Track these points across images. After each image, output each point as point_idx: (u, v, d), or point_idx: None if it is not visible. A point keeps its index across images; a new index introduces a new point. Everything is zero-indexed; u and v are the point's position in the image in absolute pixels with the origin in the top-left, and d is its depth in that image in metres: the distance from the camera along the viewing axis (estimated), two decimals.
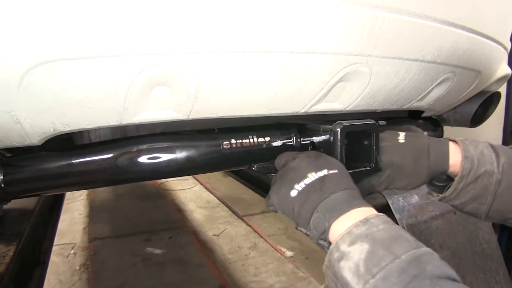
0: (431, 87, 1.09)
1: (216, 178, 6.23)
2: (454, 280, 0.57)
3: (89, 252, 3.45)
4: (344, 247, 0.62)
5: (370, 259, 0.58)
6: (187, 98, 0.73)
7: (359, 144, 0.91)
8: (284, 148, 0.95)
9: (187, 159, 0.83)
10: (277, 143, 0.94)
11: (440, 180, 0.93)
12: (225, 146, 0.87)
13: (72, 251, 3.45)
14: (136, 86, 0.66)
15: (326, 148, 0.88)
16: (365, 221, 0.64)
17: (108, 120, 0.72)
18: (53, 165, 0.79)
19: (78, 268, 3.22)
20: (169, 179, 6.13)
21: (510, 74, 1.50)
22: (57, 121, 0.69)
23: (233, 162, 0.92)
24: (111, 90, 0.65)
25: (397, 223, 1.81)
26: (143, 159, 0.80)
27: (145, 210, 4.66)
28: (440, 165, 0.88)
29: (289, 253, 3.60)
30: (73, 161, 0.80)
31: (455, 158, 0.87)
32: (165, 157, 0.82)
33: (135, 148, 0.80)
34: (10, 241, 1.30)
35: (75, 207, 4.59)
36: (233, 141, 0.88)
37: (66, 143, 0.86)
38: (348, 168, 0.82)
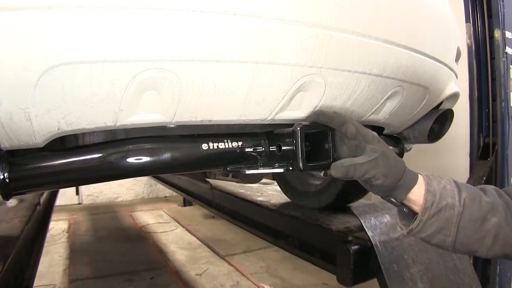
0: (382, 100, 1.22)
1: (197, 220, 6.25)
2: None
3: None
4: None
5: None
6: (172, 101, 0.86)
7: (320, 147, 1.04)
8: (254, 152, 1.08)
9: (172, 158, 0.96)
10: (249, 148, 1.07)
11: (397, 202, 0.99)
12: (203, 148, 1.00)
13: None
14: (131, 89, 0.79)
15: (290, 147, 1.01)
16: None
17: (105, 121, 0.84)
18: (53, 163, 0.89)
19: None
20: (150, 222, 6.12)
21: (459, 93, 1.66)
22: (62, 120, 0.80)
23: (210, 162, 1.05)
24: (111, 91, 0.78)
25: (370, 241, 1.93)
26: (135, 157, 0.92)
27: (126, 252, 4.62)
28: (409, 179, 0.95)
29: None
30: (71, 160, 0.90)
31: (419, 191, 0.94)
32: (153, 156, 0.94)
33: (128, 148, 0.92)
34: None
35: (55, 249, 4.52)
36: (210, 144, 1.01)
37: None
38: (309, 162, 0.97)
